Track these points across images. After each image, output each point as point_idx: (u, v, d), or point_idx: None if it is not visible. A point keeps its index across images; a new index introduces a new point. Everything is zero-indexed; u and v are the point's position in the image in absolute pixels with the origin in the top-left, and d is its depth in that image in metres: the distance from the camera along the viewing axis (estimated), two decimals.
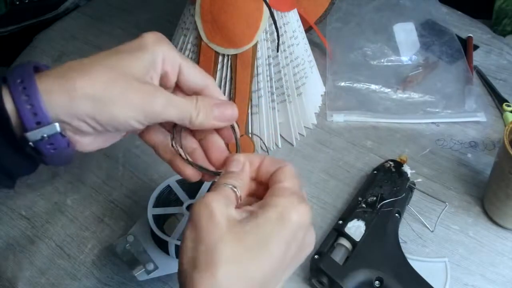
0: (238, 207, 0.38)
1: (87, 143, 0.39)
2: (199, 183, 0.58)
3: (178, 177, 0.58)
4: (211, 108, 0.40)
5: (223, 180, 0.39)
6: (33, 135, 0.34)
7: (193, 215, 0.35)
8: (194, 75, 0.41)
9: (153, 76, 0.39)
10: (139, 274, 0.52)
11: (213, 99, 0.41)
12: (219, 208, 0.35)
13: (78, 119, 0.36)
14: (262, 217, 0.35)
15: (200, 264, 0.33)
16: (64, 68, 0.36)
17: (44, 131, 0.35)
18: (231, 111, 0.42)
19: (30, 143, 0.35)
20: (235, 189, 0.38)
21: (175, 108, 0.38)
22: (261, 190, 0.40)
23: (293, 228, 0.35)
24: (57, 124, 0.35)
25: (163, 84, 0.40)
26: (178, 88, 0.42)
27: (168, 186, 0.58)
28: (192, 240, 0.34)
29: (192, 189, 0.59)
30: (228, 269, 0.32)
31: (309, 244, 0.38)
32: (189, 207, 0.56)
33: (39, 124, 0.34)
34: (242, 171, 0.40)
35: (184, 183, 0.59)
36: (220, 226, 0.34)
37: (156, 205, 0.56)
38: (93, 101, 0.35)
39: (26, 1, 1.05)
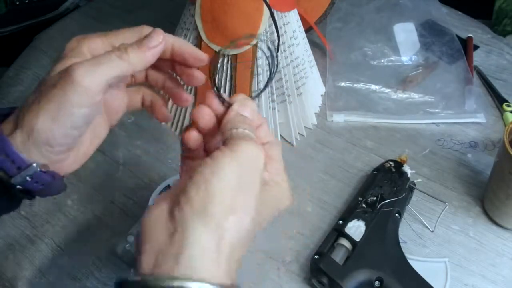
0: None
1: (68, 166, 0.40)
2: None
3: (178, 177, 0.58)
4: (138, 42, 0.38)
5: (235, 124, 0.36)
6: (17, 179, 0.37)
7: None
8: (124, 38, 0.40)
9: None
10: None
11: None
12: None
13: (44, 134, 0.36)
14: (216, 153, 0.33)
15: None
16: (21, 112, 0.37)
17: (26, 174, 0.37)
18: (155, 33, 0.39)
19: (19, 187, 0.37)
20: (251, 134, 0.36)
21: (98, 67, 0.36)
22: None
23: (247, 155, 0.34)
24: (35, 165, 0.37)
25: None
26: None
27: (168, 186, 0.58)
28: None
29: None
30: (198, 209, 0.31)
31: (279, 181, 0.37)
32: None
33: (19, 169, 0.36)
34: (252, 120, 0.38)
35: None
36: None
37: None
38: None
39: (26, 1, 1.05)
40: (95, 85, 0.36)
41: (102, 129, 0.43)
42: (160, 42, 0.39)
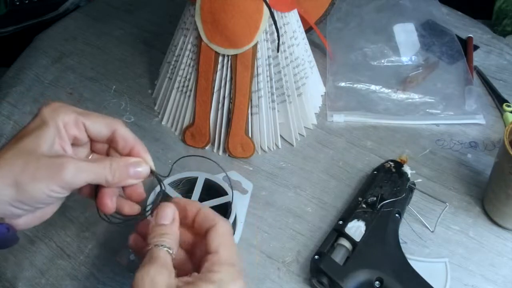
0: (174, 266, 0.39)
1: (24, 223, 0.42)
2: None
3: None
4: (126, 168, 0.43)
5: (156, 239, 0.40)
6: None
7: (136, 284, 0.37)
8: (99, 127, 0.43)
9: (62, 144, 0.41)
10: None
11: (126, 158, 0.43)
12: (161, 279, 0.37)
13: (6, 205, 0.38)
14: None
15: None
16: None
17: None
18: (144, 168, 0.44)
19: None
20: (170, 251, 0.40)
21: (87, 174, 0.40)
22: (194, 238, 0.43)
23: None
24: None
25: (77, 144, 0.43)
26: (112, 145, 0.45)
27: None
28: None
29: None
30: None
31: None
32: None
33: None
34: (173, 224, 0.42)
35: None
36: None
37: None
38: (14, 186, 0.38)
39: (26, 1, 1.05)
40: (78, 184, 0.40)
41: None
42: (145, 173, 0.44)
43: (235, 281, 0.38)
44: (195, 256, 0.43)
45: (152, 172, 0.45)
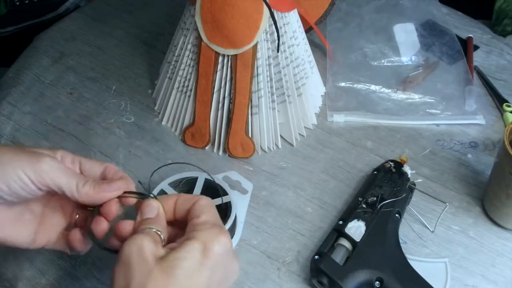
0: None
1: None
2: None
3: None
4: (99, 181, 0.43)
5: (145, 225, 0.41)
6: None
7: (123, 253, 0.38)
8: (92, 164, 0.45)
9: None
10: None
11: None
12: (148, 245, 0.37)
13: None
14: (186, 250, 0.37)
15: None
16: None
17: None
18: (120, 183, 0.44)
19: None
20: (159, 233, 0.40)
21: (61, 173, 0.41)
22: (180, 233, 0.42)
23: (217, 258, 0.38)
24: None
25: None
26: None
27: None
28: (123, 277, 0.37)
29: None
30: None
31: (233, 271, 0.41)
32: None
33: None
34: (158, 216, 0.42)
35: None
36: (149, 261, 0.36)
37: None
38: None
39: (26, 1, 1.05)
40: (50, 178, 0.41)
41: (41, 238, 0.47)
42: (119, 187, 0.44)
43: (219, 237, 0.39)
44: None
45: (137, 193, 0.44)
